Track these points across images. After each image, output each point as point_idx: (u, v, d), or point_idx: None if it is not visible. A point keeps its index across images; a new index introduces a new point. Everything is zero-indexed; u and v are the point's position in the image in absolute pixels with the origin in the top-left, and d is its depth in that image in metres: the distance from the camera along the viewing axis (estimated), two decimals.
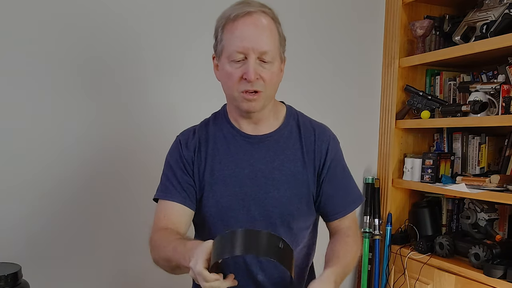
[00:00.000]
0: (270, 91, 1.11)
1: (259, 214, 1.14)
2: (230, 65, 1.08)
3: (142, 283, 1.94)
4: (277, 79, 1.13)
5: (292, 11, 2.16)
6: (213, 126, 1.21)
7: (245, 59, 1.06)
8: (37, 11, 1.71)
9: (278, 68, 1.12)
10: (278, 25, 1.11)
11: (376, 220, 2.35)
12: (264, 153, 1.16)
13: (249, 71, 1.05)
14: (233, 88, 1.10)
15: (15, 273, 1.28)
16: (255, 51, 1.05)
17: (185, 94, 1.97)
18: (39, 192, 1.75)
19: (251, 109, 1.11)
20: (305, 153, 1.17)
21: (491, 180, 1.91)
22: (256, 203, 1.14)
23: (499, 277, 1.75)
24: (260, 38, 1.05)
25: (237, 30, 1.06)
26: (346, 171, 1.24)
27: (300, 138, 1.19)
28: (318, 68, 2.25)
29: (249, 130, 1.18)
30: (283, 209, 1.14)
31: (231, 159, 1.16)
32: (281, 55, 1.13)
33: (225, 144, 1.18)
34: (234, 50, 1.06)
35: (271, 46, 1.07)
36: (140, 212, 1.89)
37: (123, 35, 1.85)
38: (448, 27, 2.23)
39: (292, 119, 1.22)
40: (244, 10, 1.06)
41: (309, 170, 1.17)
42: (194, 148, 1.18)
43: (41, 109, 1.74)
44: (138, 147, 1.90)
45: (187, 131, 1.23)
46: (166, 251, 1.03)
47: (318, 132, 1.20)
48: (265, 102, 1.12)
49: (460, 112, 2.05)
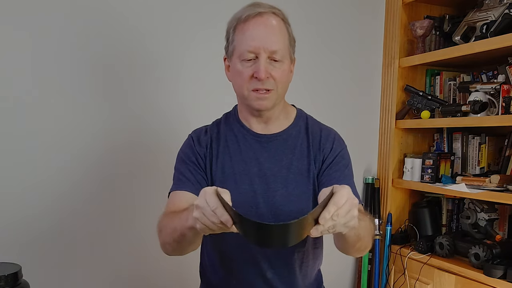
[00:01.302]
0: (281, 89, 1.13)
1: (268, 211, 1.15)
2: (241, 64, 1.11)
3: (143, 283, 1.94)
4: (287, 78, 1.15)
5: (292, 11, 2.14)
6: (224, 126, 1.24)
7: (256, 58, 1.09)
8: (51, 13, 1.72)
9: (288, 67, 1.14)
10: (288, 26, 1.14)
11: (376, 220, 2.35)
12: (273, 152, 1.18)
13: (260, 70, 1.08)
14: (244, 87, 1.12)
15: (15, 273, 1.28)
16: (265, 50, 1.08)
17: (194, 94, 1.98)
18: (39, 192, 1.75)
19: (262, 107, 1.13)
20: (311, 152, 1.19)
21: (491, 180, 1.91)
22: (265, 201, 1.15)
23: (499, 277, 1.75)
24: (271, 38, 1.08)
25: (248, 30, 1.09)
26: (348, 170, 1.24)
27: (307, 138, 1.21)
28: (318, 68, 2.26)
29: (259, 129, 1.20)
30: (292, 207, 1.15)
31: (240, 157, 1.18)
32: (291, 55, 1.16)
33: (235, 142, 1.20)
34: (245, 50, 1.09)
35: (281, 45, 1.10)
36: (141, 213, 1.89)
37: (132, 35, 1.85)
38: (448, 27, 2.23)
39: (301, 120, 1.24)
40: (255, 11, 1.09)
41: (317, 168, 1.19)
42: (206, 144, 1.20)
43: (45, 109, 1.74)
44: (147, 148, 1.91)
45: (199, 129, 1.26)
46: (173, 223, 1.02)
47: (325, 132, 1.23)
48: (276, 101, 1.14)
49: (460, 112, 2.05)
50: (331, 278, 2.36)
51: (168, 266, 1.92)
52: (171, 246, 1.07)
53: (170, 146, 1.43)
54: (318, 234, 0.83)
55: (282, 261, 1.18)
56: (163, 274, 1.96)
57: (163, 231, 1.08)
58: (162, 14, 1.91)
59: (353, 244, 1.04)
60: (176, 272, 1.94)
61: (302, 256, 1.20)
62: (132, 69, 1.87)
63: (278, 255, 1.18)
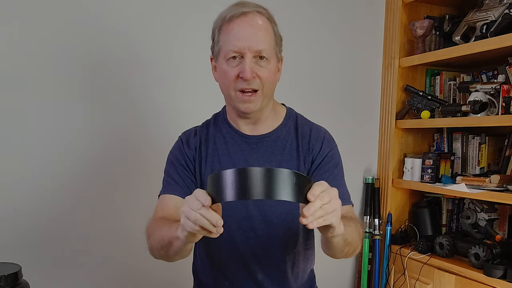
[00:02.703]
0: (267, 89, 1.12)
1: (258, 213, 1.15)
2: (227, 64, 1.09)
3: (143, 283, 1.94)
4: (274, 78, 1.13)
5: (292, 11, 2.16)
6: (213, 127, 1.23)
7: (241, 58, 1.08)
8: (45, 15, 1.72)
9: (274, 66, 1.13)
10: (274, 25, 1.13)
11: (376, 220, 2.36)
12: (262, 153, 1.17)
13: (245, 70, 1.06)
14: (230, 87, 1.11)
15: (15, 273, 1.28)
16: (251, 50, 1.07)
17: (187, 95, 1.97)
18: (40, 192, 1.75)
19: (248, 110, 1.12)
20: (300, 152, 1.18)
21: (491, 180, 1.91)
22: (255, 202, 1.14)
23: (499, 277, 1.75)
24: (256, 37, 1.07)
25: (233, 30, 1.08)
26: (338, 169, 1.21)
27: (296, 138, 1.19)
28: (318, 68, 2.25)
29: (247, 131, 1.19)
30: (281, 208, 1.14)
31: (229, 159, 1.17)
32: (278, 54, 1.14)
33: (224, 144, 1.19)
34: (230, 50, 1.08)
35: (266, 45, 1.08)
36: (141, 213, 1.89)
37: (125, 38, 1.85)
38: (448, 27, 2.23)
39: (291, 120, 1.22)
40: (239, 11, 1.08)
41: (306, 169, 1.17)
42: (195, 147, 1.19)
43: (45, 110, 1.75)
44: (142, 148, 1.91)
45: (188, 131, 1.25)
46: (161, 231, 1.02)
47: (314, 132, 1.21)
48: (262, 102, 1.12)
49: (460, 112, 2.05)
50: (331, 278, 2.36)
51: (163, 264, 1.92)
52: (159, 253, 1.06)
53: (162, 145, 1.41)
54: (310, 214, 0.79)
55: (272, 263, 1.18)
56: (162, 273, 1.96)
57: (151, 238, 1.07)
58: (155, 16, 1.91)
59: (341, 250, 1.03)
60: (169, 271, 1.94)
61: (293, 257, 1.19)
62: (122, 68, 1.87)
63: (268, 257, 1.17)
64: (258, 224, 1.14)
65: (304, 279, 1.26)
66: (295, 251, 1.19)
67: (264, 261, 1.17)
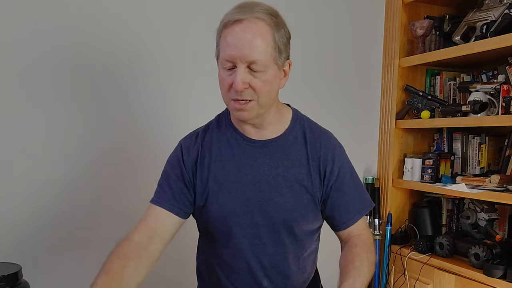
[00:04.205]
0: (264, 99, 1.06)
1: (263, 220, 1.13)
2: (223, 71, 1.06)
3: (143, 283, 1.94)
4: (271, 87, 1.07)
5: (292, 11, 2.16)
6: (217, 130, 1.18)
7: (235, 67, 1.03)
8: (45, 15, 1.71)
9: (272, 76, 1.05)
10: (275, 31, 1.04)
11: (376, 220, 2.35)
12: (268, 159, 1.13)
13: (236, 82, 1.02)
14: (225, 95, 1.08)
15: (15, 273, 1.28)
16: (242, 60, 1.01)
17: (187, 95, 1.97)
18: (39, 192, 1.75)
19: (241, 118, 1.09)
20: (310, 160, 1.14)
21: (491, 180, 1.91)
22: (260, 209, 1.12)
23: (499, 277, 1.76)
24: (248, 47, 1.00)
25: (227, 37, 1.03)
26: (354, 177, 1.21)
27: (305, 144, 1.15)
28: (318, 68, 2.25)
29: (253, 135, 1.15)
30: (287, 215, 1.12)
31: (234, 164, 1.13)
32: (277, 62, 1.06)
33: (228, 148, 1.15)
34: (223, 58, 1.04)
35: (261, 55, 1.01)
36: (142, 215, 1.88)
37: (124, 38, 1.85)
38: (448, 27, 2.23)
39: (298, 123, 1.18)
40: (234, 18, 1.01)
41: (314, 177, 1.14)
42: (197, 154, 1.15)
43: (44, 111, 1.74)
44: (142, 148, 1.90)
45: (189, 136, 1.21)
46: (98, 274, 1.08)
47: (324, 139, 1.17)
48: (258, 111, 1.08)
49: (460, 112, 2.05)
50: (331, 278, 2.35)
51: (165, 265, 1.92)
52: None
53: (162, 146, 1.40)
54: None
55: (277, 270, 1.17)
56: (161, 273, 1.96)
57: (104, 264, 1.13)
58: (155, 18, 1.91)
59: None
60: (173, 271, 1.94)
61: (299, 263, 1.19)
62: (123, 69, 1.86)
63: (274, 264, 1.16)
64: (263, 231, 1.13)
65: (309, 282, 1.26)
66: (301, 256, 1.19)
67: (269, 268, 1.16)
